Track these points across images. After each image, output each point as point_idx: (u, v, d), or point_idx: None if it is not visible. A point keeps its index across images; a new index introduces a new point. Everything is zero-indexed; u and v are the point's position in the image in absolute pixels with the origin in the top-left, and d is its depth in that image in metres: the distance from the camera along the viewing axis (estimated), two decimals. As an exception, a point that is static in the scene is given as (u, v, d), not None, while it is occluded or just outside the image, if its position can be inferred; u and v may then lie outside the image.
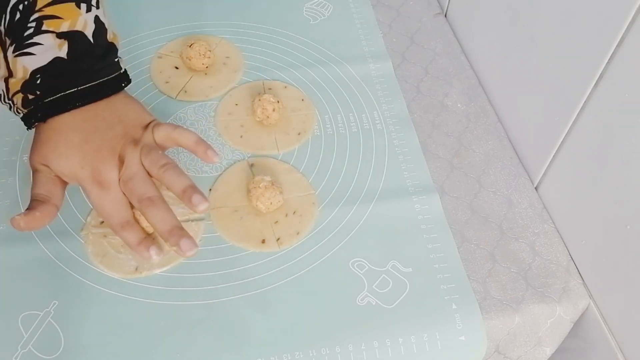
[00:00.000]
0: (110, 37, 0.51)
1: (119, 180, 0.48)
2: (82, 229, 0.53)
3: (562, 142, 0.54)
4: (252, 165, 0.59)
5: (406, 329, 0.49)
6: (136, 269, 0.51)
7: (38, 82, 0.47)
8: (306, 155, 0.60)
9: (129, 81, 0.52)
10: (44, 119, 0.48)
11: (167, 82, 0.65)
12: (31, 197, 0.47)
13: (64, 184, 0.48)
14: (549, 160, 0.56)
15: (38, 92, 0.47)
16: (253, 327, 0.48)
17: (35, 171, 0.48)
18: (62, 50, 0.47)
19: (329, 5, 0.75)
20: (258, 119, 0.61)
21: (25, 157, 0.58)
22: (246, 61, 0.68)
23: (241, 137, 0.61)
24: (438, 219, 0.56)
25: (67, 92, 0.48)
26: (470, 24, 0.70)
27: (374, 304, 0.50)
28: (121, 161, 0.48)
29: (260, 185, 0.53)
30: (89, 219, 0.53)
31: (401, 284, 0.51)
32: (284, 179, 0.57)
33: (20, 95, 0.47)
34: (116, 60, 0.51)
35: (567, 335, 0.53)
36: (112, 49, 0.51)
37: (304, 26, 0.73)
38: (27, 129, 0.49)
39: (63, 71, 0.48)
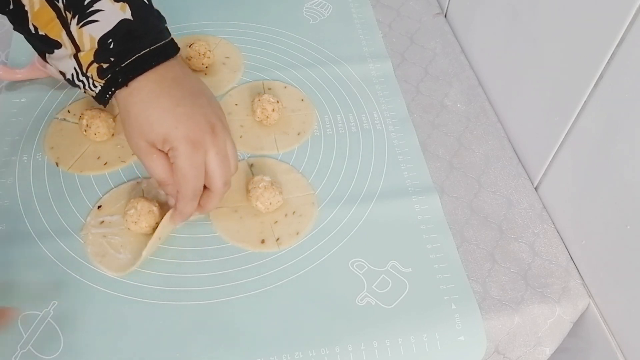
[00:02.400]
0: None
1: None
2: (81, 229, 0.53)
3: (562, 142, 0.54)
4: (251, 165, 0.59)
5: (406, 329, 0.49)
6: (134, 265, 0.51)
7: (111, 47, 0.46)
8: (306, 155, 0.60)
9: (178, 49, 0.51)
10: (125, 82, 0.47)
11: (166, 82, 0.65)
12: (160, 184, 0.50)
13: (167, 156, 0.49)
14: (549, 160, 0.56)
15: (112, 59, 0.46)
16: (253, 327, 0.48)
17: (142, 155, 0.48)
18: (125, 12, 0.47)
19: (328, 6, 0.75)
20: (258, 119, 0.61)
21: (26, 157, 0.58)
22: (246, 61, 0.68)
23: (241, 137, 0.61)
24: (438, 219, 0.56)
25: (142, 52, 0.47)
26: (470, 24, 0.70)
27: (373, 304, 0.50)
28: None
29: (260, 186, 0.53)
30: (88, 219, 0.53)
31: (401, 284, 0.51)
32: (284, 179, 0.57)
33: (94, 66, 0.46)
34: (166, 25, 0.51)
35: (567, 335, 0.53)
36: (161, 17, 0.51)
37: (303, 26, 0.72)
38: (104, 105, 0.49)
39: (133, 32, 0.47)
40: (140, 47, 0.47)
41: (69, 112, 0.62)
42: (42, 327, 0.47)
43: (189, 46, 0.64)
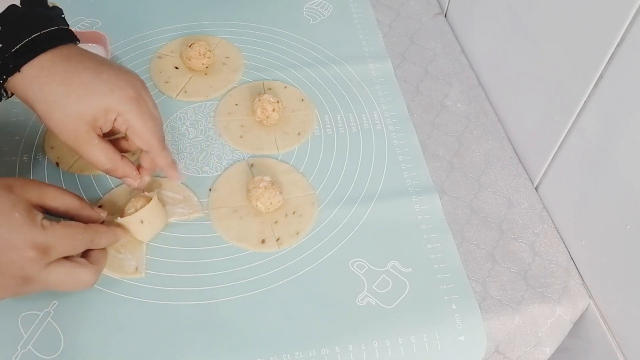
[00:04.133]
0: (50, 3, 0.50)
1: None
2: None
3: (562, 142, 0.54)
4: (252, 166, 0.59)
5: (406, 329, 0.49)
6: (136, 269, 0.51)
7: None
8: (306, 155, 0.60)
9: (77, 40, 0.49)
10: (17, 68, 0.44)
11: (167, 82, 0.65)
12: (108, 172, 0.49)
13: (104, 138, 0.48)
14: (549, 160, 0.56)
15: (0, 44, 0.44)
16: (253, 327, 0.48)
17: (83, 143, 0.46)
18: None
19: (328, 5, 0.75)
20: (258, 119, 0.61)
21: (26, 157, 0.58)
22: (246, 61, 0.68)
23: (241, 137, 0.61)
24: (438, 219, 0.56)
25: (33, 36, 0.45)
26: (470, 24, 0.70)
27: (373, 304, 0.50)
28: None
29: (260, 186, 0.53)
30: (88, 219, 0.53)
31: (401, 284, 0.51)
32: (284, 179, 0.57)
33: None
34: (62, 16, 0.49)
35: (567, 335, 0.53)
36: (56, 7, 0.49)
37: (304, 26, 0.73)
38: (4, 97, 0.47)
39: (22, 17, 0.45)
40: (30, 31, 0.45)
41: (69, 112, 0.61)
42: (42, 327, 0.47)
43: (189, 46, 0.64)
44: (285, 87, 0.66)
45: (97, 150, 0.47)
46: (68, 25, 0.48)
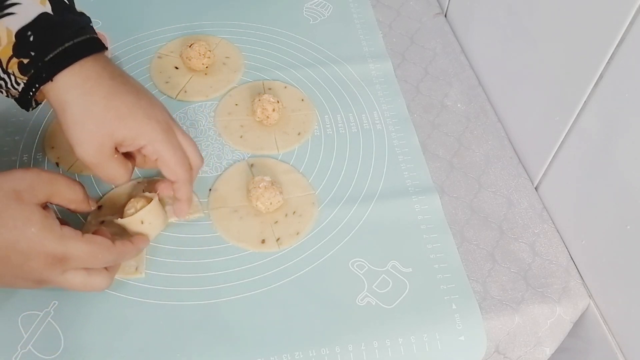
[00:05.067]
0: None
1: None
2: (82, 230, 0.53)
3: (562, 142, 0.54)
4: (252, 166, 0.59)
5: (406, 329, 0.49)
6: (136, 269, 0.51)
7: (31, 39, 0.44)
8: (306, 155, 0.60)
9: (105, 47, 0.49)
10: (50, 77, 0.44)
11: (167, 82, 0.65)
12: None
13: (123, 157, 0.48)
14: (549, 160, 0.56)
15: (33, 53, 0.44)
16: (253, 327, 0.48)
17: (104, 159, 0.46)
18: (45, 6, 0.45)
19: (328, 5, 0.75)
20: (258, 119, 0.61)
21: (26, 157, 0.58)
22: (246, 61, 0.68)
23: (241, 137, 0.61)
24: (438, 219, 0.56)
25: (65, 45, 0.45)
26: (470, 24, 0.70)
27: (373, 304, 0.50)
28: None
29: (260, 186, 0.53)
30: (88, 219, 0.53)
31: (401, 284, 0.51)
32: (284, 179, 0.57)
33: (15, 61, 0.44)
34: (90, 24, 0.49)
35: (567, 335, 0.53)
36: (84, 15, 0.49)
37: (304, 26, 0.73)
38: (27, 109, 0.47)
39: (54, 25, 0.45)
40: (62, 39, 0.44)
41: (69, 112, 0.61)
42: (42, 327, 0.47)
43: (189, 46, 0.64)
44: (285, 87, 0.66)
45: (116, 165, 0.47)
46: (96, 33, 0.48)
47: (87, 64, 0.45)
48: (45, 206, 0.43)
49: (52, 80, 0.44)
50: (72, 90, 0.45)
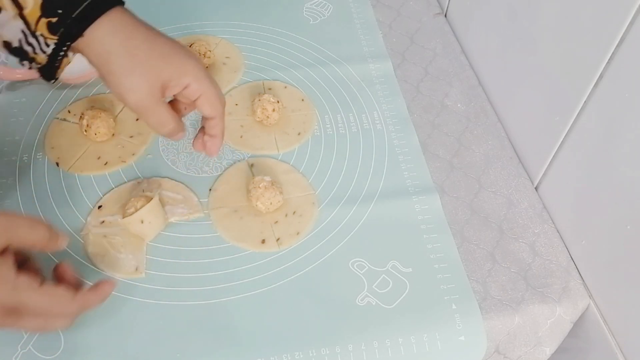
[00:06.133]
0: None
1: None
2: (82, 229, 0.53)
3: (562, 142, 0.54)
4: (252, 166, 0.59)
5: (406, 329, 0.49)
6: (136, 269, 0.51)
7: None
8: (306, 155, 0.60)
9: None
10: (81, 32, 0.44)
11: (167, 82, 0.65)
12: (171, 134, 0.48)
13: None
14: (549, 160, 0.56)
15: (60, 10, 0.43)
16: (253, 327, 0.48)
17: (153, 104, 0.46)
18: None
19: (328, 5, 0.75)
20: (258, 119, 0.61)
21: (26, 157, 0.58)
22: (246, 61, 0.68)
23: (241, 137, 0.61)
24: (438, 219, 0.56)
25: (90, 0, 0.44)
26: (470, 24, 0.70)
27: (374, 304, 0.50)
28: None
29: (260, 186, 0.53)
30: (89, 219, 0.53)
31: (401, 284, 0.51)
32: (284, 179, 0.57)
33: (44, 21, 0.43)
34: None
35: (567, 335, 0.53)
36: None
37: (304, 26, 0.73)
38: (50, 78, 0.47)
39: None
40: None
41: (69, 112, 0.62)
42: (43, 327, 0.47)
43: (189, 46, 0.64)
44: (285, 87, 0.66)
45: (165, 110, 0.47)
46: None
47: (116, 15, 0.45)
48: (5, 250, 0.39)
49: (82, 36, 0.44)
50: (112, 39, 0.45)
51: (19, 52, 0.46)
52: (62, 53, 0.45)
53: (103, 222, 0.53)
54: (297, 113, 0.63)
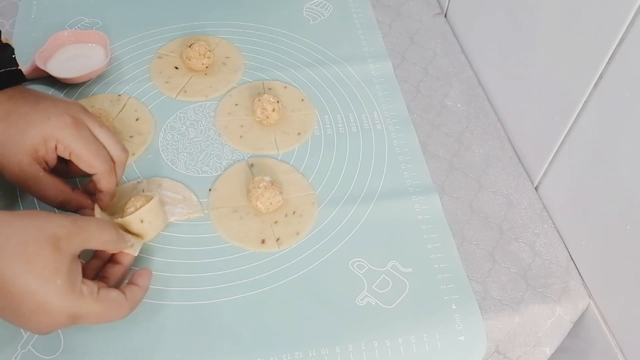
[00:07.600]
0: (3, 39, 0.51)
1: None
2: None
3: (562, 142, 0.54)
4: (251, 166, 0.59)
5: (406, 329, 0.49)
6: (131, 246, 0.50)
7: None
8: (306, 155, 0.60)
9: (25, 79, 0.50)
10: None
11: (167, 82, 0.65)
12: (62, 205, 0.47)
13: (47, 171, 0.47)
14: (549, 160, 0.56)
15: None
16: (253, 327, 0.48)
17: (31, 176, 0.46)
18: None
19: (328, 6, 0.75)
20: (258, 119, 0.61)
21: (25, 157, 0.58)
22: (246, 61, 0.68)
23: (241, 137, 0.61)
24: (438, 219, 0.56)
25: None
26: (470, 24, 0.70)
27: (373, 304, 0.50)
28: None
29: (260, 186, 0.53)
30: (88, 219, 0.53)
31: (401, 284, 0.51)
32: (284, 179, 0.57)
33: None
34: (13, 56, 0.50)
35: (567, 335, 0.53)
36: (7, 47, 0.50)
37: (303, 26, 0.73)
38: None
39: None
40: None
41: (69, 112, 0.61)
42: (43, 327, 0.47)
43: (189, 46, 0.64)
44: (285, 87, 0.66)
45: (44, 185, 0.47)
46: (18, 65, 0.49)
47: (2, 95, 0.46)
48: (78, 256, 0.42)
49: None
50: None
51: None
52: None
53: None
54: (297, 113, 0.63)
